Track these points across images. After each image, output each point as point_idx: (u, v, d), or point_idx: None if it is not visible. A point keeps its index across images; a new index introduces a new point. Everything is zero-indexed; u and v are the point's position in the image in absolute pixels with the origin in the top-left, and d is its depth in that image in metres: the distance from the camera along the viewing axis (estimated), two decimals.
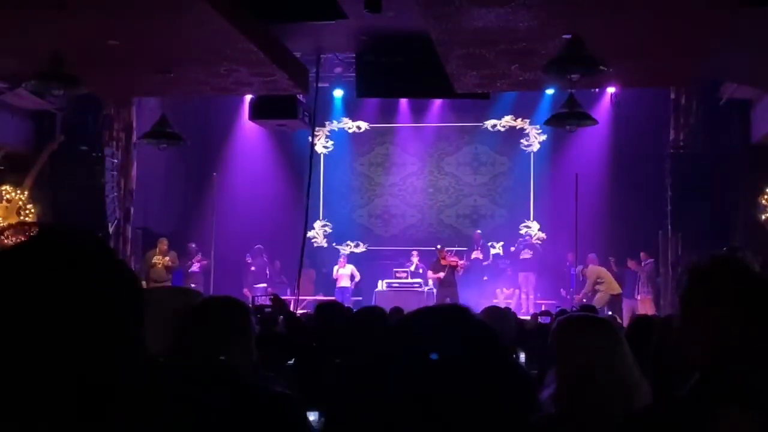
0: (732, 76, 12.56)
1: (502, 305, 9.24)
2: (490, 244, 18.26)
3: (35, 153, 13.89)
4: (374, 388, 1.30)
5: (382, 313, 4.43)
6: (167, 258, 15.27)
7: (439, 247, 16.92)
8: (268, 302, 11.36)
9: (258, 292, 16.15)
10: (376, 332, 3.90)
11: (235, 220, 17.49)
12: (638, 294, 15.98)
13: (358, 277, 17.59)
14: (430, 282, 16.84)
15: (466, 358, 1.25)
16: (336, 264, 17.99)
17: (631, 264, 16.24)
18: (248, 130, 18.27)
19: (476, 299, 14.75)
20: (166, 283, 15.26)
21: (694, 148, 14.45)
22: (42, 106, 13.65)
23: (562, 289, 16.68)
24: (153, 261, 15.20)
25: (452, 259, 16.54)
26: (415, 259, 17.57)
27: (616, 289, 16.04)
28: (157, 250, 15.30)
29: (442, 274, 16.37)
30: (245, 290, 16.32)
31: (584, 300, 15.35)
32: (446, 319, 1.32)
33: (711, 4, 8.39)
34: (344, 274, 17.66)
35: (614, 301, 15.88)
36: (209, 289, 16.14)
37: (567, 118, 10.72)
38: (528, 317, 10.39)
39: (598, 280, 16.05)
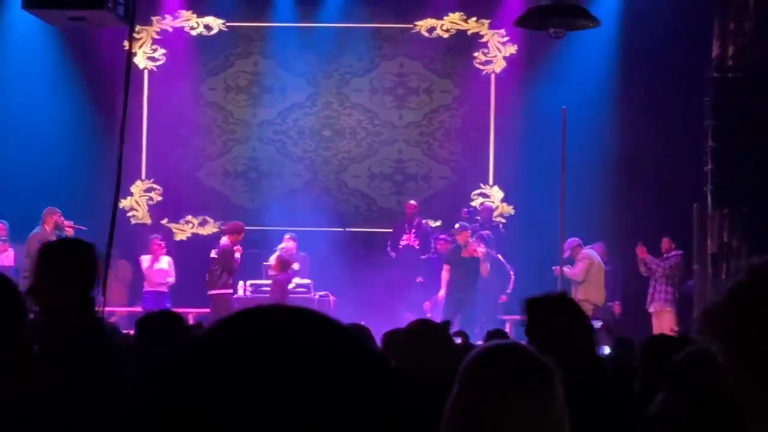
0: None
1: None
2: (426, 222, 14.77)
3: None
4: None
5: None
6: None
7: (457, 227, 13.79)
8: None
9: None
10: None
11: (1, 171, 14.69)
12: (652, 302, 13.25)
13: (172, 279, 13.95)
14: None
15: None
16: (146, 253, 14.15)
17: (642, 254, 13.35)
18: (22, 26, 14.63)
19: (401, 312, 12.12)
20: None
21: (750, 71, 12.46)
22: None
23: None
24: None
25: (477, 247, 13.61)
26: (288, 244, 13.87)
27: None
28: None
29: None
30: None
31: None
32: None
33: None
34: (160, 269, 13.93)
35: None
36: None
37: (551, 16, 10.46)
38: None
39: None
